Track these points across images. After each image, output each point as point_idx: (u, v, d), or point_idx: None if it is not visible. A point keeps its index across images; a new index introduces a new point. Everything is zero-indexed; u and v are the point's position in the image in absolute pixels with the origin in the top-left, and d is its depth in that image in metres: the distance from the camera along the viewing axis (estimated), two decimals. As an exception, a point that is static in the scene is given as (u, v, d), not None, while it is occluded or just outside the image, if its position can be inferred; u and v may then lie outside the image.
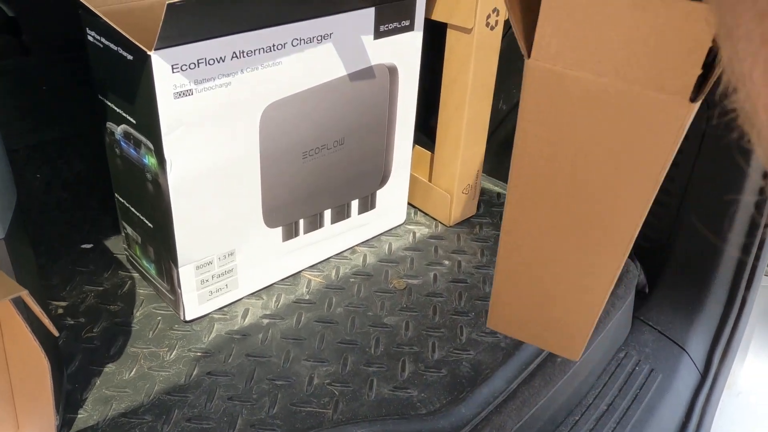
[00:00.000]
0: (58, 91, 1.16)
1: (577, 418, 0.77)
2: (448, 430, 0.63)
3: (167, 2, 0.52)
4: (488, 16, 0.76)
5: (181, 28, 0.57)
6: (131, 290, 0.76)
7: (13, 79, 1.15)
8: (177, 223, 0.65)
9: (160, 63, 0.57)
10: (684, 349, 0.87)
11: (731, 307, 0.86)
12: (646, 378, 0.83)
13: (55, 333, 0.37)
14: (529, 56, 0.38)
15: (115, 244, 0.83)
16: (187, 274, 0.69)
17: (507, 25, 0.81)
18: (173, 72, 0.58)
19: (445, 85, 0.83)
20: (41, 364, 0.39)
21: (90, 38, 0.64)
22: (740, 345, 0.89)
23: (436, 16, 0.79)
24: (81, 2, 0.58)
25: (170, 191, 0.63)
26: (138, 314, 0.73)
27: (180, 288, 0.70)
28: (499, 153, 1.00)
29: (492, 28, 0.77)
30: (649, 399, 0.80)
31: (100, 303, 0.75)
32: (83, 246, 0.83)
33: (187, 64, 0.58)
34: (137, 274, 0.78)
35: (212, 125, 0.63)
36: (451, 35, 0.80)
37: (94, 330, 0.71)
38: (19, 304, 0.36)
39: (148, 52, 0.56)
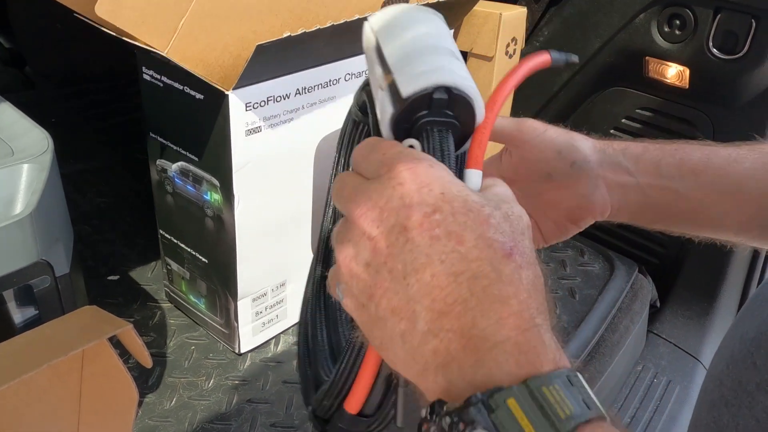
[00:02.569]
0: (67, 125, 1.17)
1: None
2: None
3: (257, 44, 0.53)
4: (507, 45, 0.79)
5: (265, 66, 0.57)
6: (162, 321, 0.77)
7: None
8: (240, 257, 0.65)
9: (236, 102, 0.57)
10: (698, 360, 0.90)
11: (742, 318, 0.89)
12: (664, 390, 0.85)
13: (149, 364, 0.38)
14: None
15: (141, 275, 0.84)
16: (244, 307, 0.69)
17: (523, 53, 0.84)
18: (246, 110, 0.58)
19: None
20: (131, 395, 0.40)
21: (146, 77, 0.63)
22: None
23: (459, 46, 0.82)
24: (141, 45, 0.55)
25: (236, 226, 0.63)
26: (171, 344, 0.74)
27: (237, 321, 0.70)
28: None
29: (510, 56, 0.80)
30: (669, 410, 0.82)
31: (133, 334, 0.75)
32: (109, 278, 0.83)
33: (258, 102, 0.59)
34: (166, 305, 0.79)
35: (275, 161, 0.64)
36: (472, 63, 0.83)
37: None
38: (111, 338, 0.38)
39: (226, 92, 0.56)
